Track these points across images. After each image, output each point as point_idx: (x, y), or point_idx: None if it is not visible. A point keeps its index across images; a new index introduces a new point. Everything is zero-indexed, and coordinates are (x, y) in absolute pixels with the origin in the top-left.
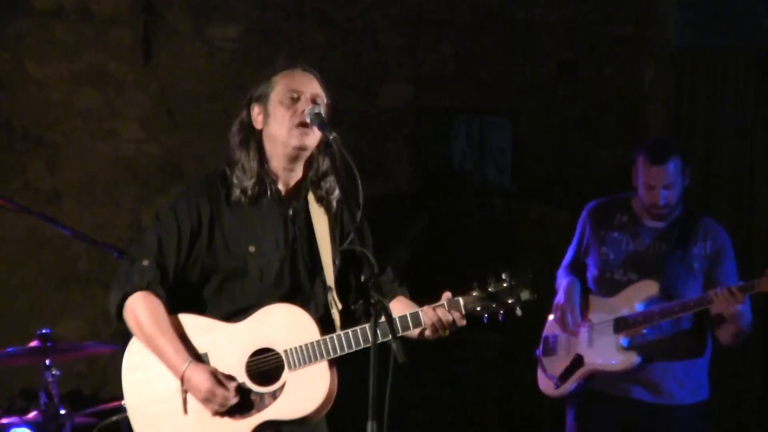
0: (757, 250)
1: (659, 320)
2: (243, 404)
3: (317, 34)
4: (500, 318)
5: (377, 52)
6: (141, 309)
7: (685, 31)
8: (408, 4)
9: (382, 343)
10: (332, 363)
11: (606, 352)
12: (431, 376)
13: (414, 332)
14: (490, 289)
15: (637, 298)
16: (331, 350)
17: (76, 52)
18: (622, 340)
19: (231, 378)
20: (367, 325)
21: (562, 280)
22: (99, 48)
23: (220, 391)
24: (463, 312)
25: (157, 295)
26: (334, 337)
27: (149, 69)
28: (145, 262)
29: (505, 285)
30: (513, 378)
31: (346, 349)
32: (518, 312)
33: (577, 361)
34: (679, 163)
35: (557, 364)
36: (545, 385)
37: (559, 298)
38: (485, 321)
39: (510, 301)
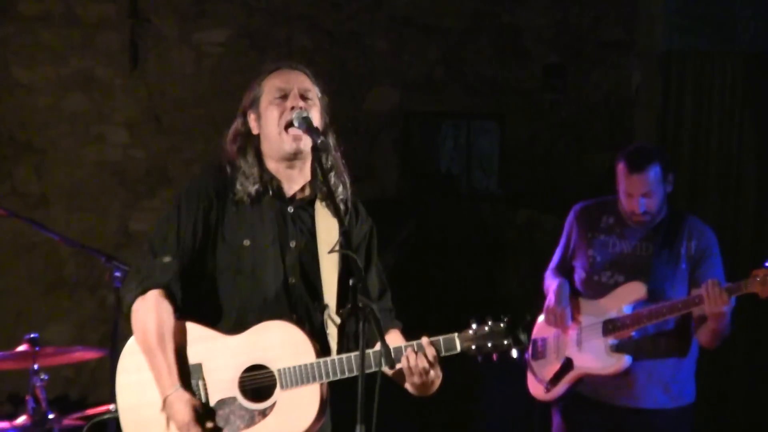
0: (742, 253)
1: (647, 322)
2: (233, 419)
3: (304, 38)
4: (495, 358)
5: (364, 56)
6: (151, 317)
7: (672, 35)
8: (395, 8)
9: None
10: (324, 386)
11: (595, 356)
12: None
13: (392, 372)
14: (486, 328)
15: (624, 300)
16: (324, 374)
17: (63, 57)
18: (611, 342)
19: (212, 416)
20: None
21: (551, 282)
22: (86, 53)
23: (195, 429)
24: (459, 349)
25: (172, 297)
26: (328, 362)
27: (136, 74)
28: (167, 259)
29: (502, 325)
30: (501, 382)
31: (339, 374)
32: (513, 354)
33: (567, 365)
34: (659, 171)
35: (547, 367)
36: (535, 388)
37: (550, 300)
38: (479, 360)
39: (506, 342)
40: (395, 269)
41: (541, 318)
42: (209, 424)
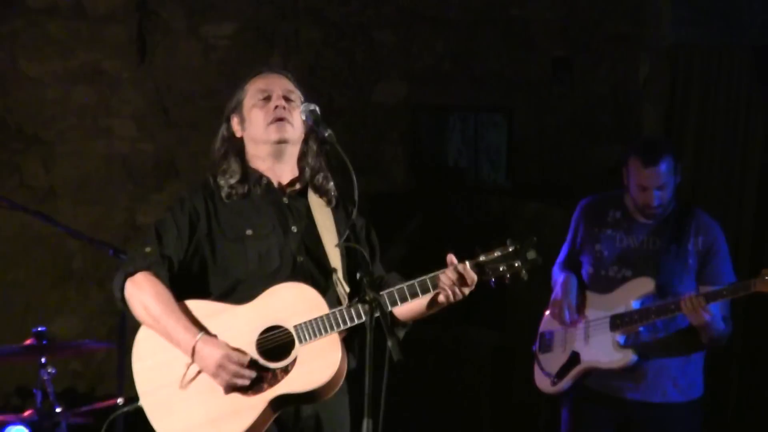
0: (745, 248)
1: (655, 318)
2: (255, 381)
3: (312, 31)
4: (507, 281)
5: (372, 49)
6: (146, 290)
7: (679, 28)
8: (402, 1)
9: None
10: (342, 338)
11: (602, 350)
12: (426, 373)
13: (423, 301)
14: (497, 253)
15: (632, 295)
16: (341, 322)
17: (71, 50)
18: (619, 337)
19: (242, 351)
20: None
21: (558, 276)
22: (93, 46)
23: (235, 357)
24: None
25: (159, 277)
26: (344, 310)
27: (144, 67)
28: (147, 249)
29: (510, 249)
30: (508, 375)
31: (356, 319)
32: (524, 275)
33: (574, 358)
34: (672, 163)
35: (554, 360)
36: (542, 381)
37: (556, 293)
38: (492, 284)
39: (516, 264)
40: (402, 262)
41: (548, 311)
42: (244, 356)
